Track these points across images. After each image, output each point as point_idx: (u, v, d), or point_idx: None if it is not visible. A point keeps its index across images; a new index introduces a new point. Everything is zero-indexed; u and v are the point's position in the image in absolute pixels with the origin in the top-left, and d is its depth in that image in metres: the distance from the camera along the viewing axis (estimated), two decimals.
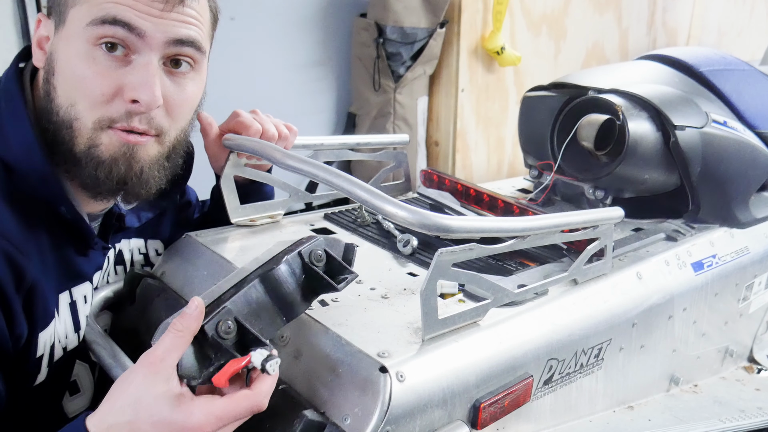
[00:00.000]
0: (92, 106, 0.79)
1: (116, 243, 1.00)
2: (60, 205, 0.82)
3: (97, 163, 0.80)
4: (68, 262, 0.86)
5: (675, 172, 1.25)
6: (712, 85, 1.38)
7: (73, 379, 0.93)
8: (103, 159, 0.81)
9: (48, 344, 0.84)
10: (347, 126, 2.07)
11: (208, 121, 1.06)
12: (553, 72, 2.25)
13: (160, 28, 0.78)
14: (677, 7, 2.71)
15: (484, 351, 0.80)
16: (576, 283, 0.97)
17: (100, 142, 0.80)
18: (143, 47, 0.78)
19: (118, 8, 0.76)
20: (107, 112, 0.79)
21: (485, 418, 0.79)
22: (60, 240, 0.85)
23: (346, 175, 0.81)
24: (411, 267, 0.99)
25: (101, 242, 0.92)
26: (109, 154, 0.81)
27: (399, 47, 1.91)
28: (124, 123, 0.80)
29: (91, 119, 0.79)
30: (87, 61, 0.77)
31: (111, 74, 0.78)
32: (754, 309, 1.33)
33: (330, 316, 0.81)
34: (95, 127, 0.79)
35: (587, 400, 0.98)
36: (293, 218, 1.15)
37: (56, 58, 0.79)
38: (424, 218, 0.74)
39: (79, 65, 0.78)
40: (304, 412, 0.71)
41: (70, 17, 0.78)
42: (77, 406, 0.94)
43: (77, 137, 0.80)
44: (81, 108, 0.79)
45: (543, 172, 1.37)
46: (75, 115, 0.79)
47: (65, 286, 0.87)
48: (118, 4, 0.76)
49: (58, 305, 0.86)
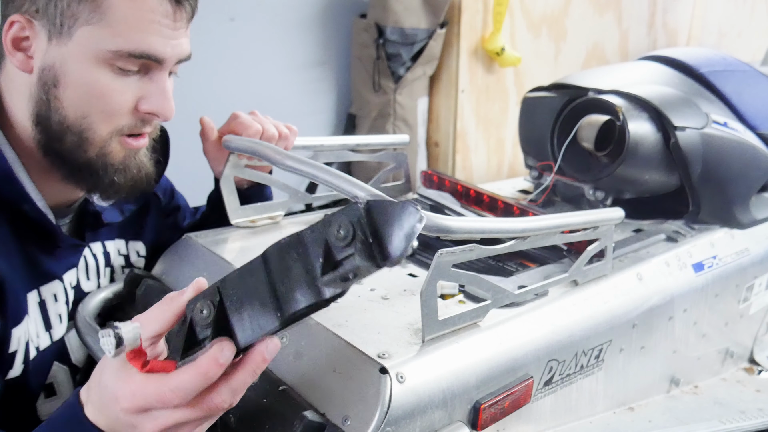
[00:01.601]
0: (107, 119, 0.82)
1: (98, 241, 0.99)
2: (22, 204, 0.83)
3: (114, 170, 0.85)
4: (35, 261, 0.87)
5: (675, 173, 1.25)
6: (713, 86, 1.38)
7: (50, 382, 0.92)
8: (116, 165, 0.85)
9: (23, 341, 0.84)
10: (347, 127, 2.06)
11: (210, 126, 1.06)
12: (554, 73, 2.25)
13: (176, 51, 0.84)
14: (677, 7, 2.71)
15: (484, 352, 0.80)
16: (576, 284, 0.97)
17: (111, 149, 0.84)
18: (159, 66, 0.83)
19: (148, 44, 0.80)
20: (120, 123, 0.83)
21: (485, 419, 0.79)
22: (25, 239, 0.85)
23: (347, 176, 0.81)
24: (411, 268, 0.98)
25: (70, 240, 0.92)
26: (119, 159, 0.85)
27: (399, 48, 1.91)
28: (133, 130, 0.85)
29: (106, 131, 0.83)
30: (104, 79, 0.80)
31: (128, 90, 0.82)
32: (755, 310, 1.33)
33: (330, 317, 0.81)
34: (108, 137, 0.83)
35: (588, 402, 0.98)
36: (293, 219, 1.15)
37: (63, 72, 0.80)
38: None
39: (95, 84, 0.80)
40: (304, 413, 0.71)
41: (82, 35, 0.79)
42: (52, 409, 0.92)
43: (88, 146, 0.83)
44: (94, 120, 0.82)
45: (543, 173, 1.37)
46: (87, 126, 0.82)
47: (33, 285, 0.87)
48: (145, 35, 0.79)
49: (27, 304, 0.86)
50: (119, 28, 0.78)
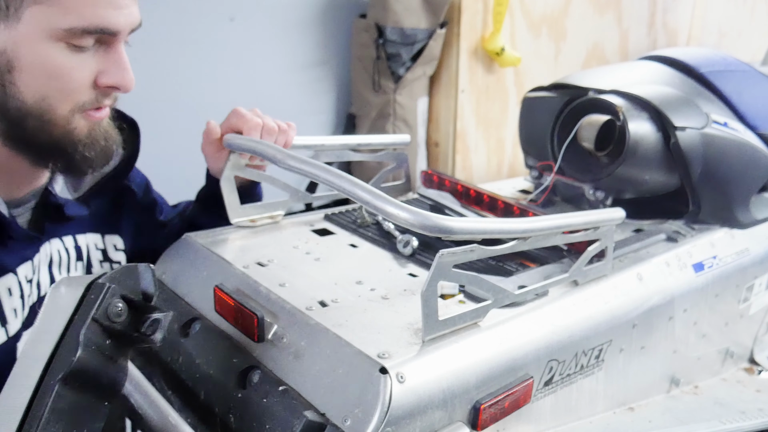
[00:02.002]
0: (67, 98, 0.81)
1: (68, 235, 0.98)
2: None
3: (83, 145, 0.85)
4: None
5: (675, 173, 1.25)
6: (713, 86, 1.38)
7: None
8: (84, 140, 0.85)
9: None
10: (347, 127, 2.06)
11: (216, 130, 1.06)
12: (554, 73, 2.25)
13: (129, 20, 0.82)
14: (678, 7, 2.70)
15: (484, 352, 0.80)
16: (576, 284, 0.97)
17: (75, 126, 0.83)
18: (114, 38, 0.82)
19: (101, 17, 0.78)
20: (81, 99, 0.82)
21: (485, 419, 0.79)
22: None
23: (348, 175, 0.81)
24: (411, 268, 0.98)
25: (25, 232, 0.90)
26: (85, 134, 0.85)
27: (399, 48, 1.91)
28: (95, 105, 0.84)
29: (67, 109, 0.82)
30: (59, 58, 0.79)
31: (85, 66, 0.81)
32: (755, 310, 1.33)
33: (330, 316, 0.81)
34: (70, 115, 0.82)
35: (588, 402, 0.98)
36: (293, 219, 1.15)
37: (15, 55, 0.78)
38: (425, 219, 0.74)
39: (50, 64, 0.79)
40: (304, 413, 0.71)
41: (31, 15, 0.77)
42: None
43: (52, 127, 0.82)
44: (54, 101, 0.81)
45: (543, 173, 1.37)
46: (47, 108, 0.81)
47: None
48: (97, 9, 0.78)
49: None
50: (69, 5, 0.77)
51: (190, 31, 1.66)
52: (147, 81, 1.57)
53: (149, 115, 1.59)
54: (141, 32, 0.87)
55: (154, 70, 1.60)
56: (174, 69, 1.67)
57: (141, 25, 0.87)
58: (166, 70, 1.65)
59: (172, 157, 1.49)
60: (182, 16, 1.63)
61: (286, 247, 1.03)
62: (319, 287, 0.89)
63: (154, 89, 1.59)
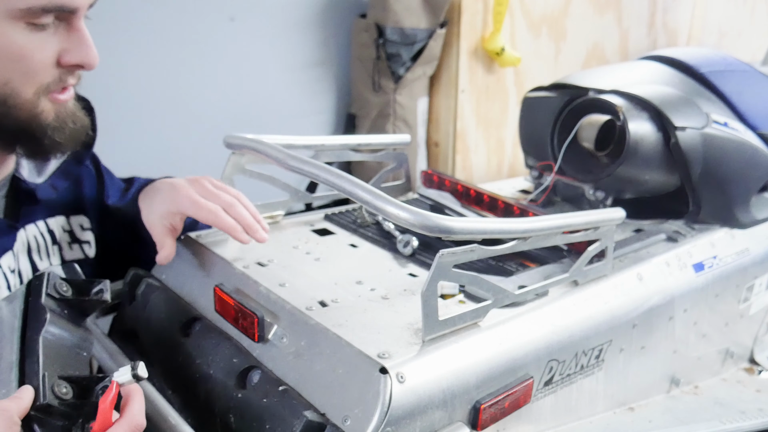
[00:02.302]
0: (30, 80, 0.80)
1: (40, 220, 0.97)
2: None
3: (52, 129, 0.83)
4: None
5: (675, 173, 1.24)
6: (713, 86, 1.38)
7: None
8: (52, 124, 0.83)
9: None
10: (347, 127, 2.06)
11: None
12: (554, 73, 2.25)
13: None
14: (678, 7, 2.70)
15: (484, 352, 0.80)
16: (576, 284, 0.97)
17: (42, 109, 0.82)
18: (74, 15, 0.80)
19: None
20: (45, 80, 0.81)
21: (485, 419, 0.79)
22: None
23: (348, 175, 0.81)
24: (411, 268, 0.98)
25: (3, 221, 0.90)
26: (52, 117, 0.83)
27: (399, 48, 1.91)
28: (59, 85, 0.82)
29: (31, 92, 0.80)
30: (19, 39, 0.77)
31: (47, 46, 0.79)
32: (755, 310, 1.33)
33: (330, 316, 0.81)
34: (35, 98, 0.81)
35: (588, 402, 0.98)
36: (294, 219, 1.15)
37: None
38: (426, 219, 0.74)
39: (10, 46, 0.77)
40: (304, 413, 0.71)
41: None
42: None
43: (18, 111, 0.80)
44: (17, 84, 0.79)
45: (543, 172, 1.36)
46: (10, 92, 0.79)
47: None
48: None
49: None
50: None
51: (190, 31, 1.66)
52: (147, 81, 1.58)
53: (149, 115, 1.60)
54: (141, 32, 0.86)
55: (154, 70, 1.60)
56: (174, 69, 1.67)
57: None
58: (166, 70, 1.65)
59: (172, 157, 1.49)
60: (182, 16, 1.63)
61: (286, 247, 1.03)
62: (319, 287, 0.89)
63: (154, 89, 1.59)
